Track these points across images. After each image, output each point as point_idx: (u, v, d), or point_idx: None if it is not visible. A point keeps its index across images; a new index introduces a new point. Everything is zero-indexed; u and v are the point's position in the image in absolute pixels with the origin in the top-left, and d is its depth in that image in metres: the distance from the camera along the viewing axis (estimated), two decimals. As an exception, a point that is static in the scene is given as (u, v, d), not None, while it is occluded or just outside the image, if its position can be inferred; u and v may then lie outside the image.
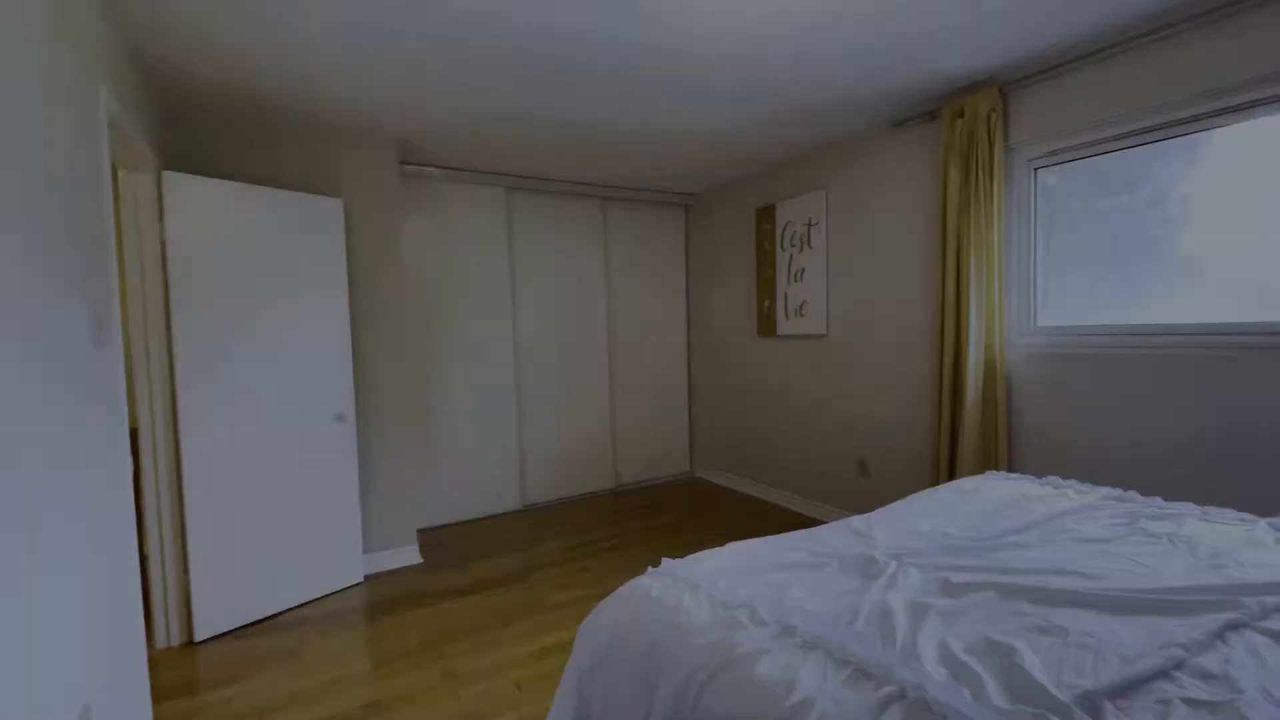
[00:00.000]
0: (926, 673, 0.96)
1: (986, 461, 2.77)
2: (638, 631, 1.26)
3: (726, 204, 4.52)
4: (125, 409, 1.80)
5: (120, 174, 2.36)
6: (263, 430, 2.68)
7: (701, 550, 1.58)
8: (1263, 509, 2.04)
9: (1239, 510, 2.00)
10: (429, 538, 3.67)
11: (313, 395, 2.85)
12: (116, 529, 1.68)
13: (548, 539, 3.59)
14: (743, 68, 2.52)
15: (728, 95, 2.81)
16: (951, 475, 2.87)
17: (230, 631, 2.58)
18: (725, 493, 4.49)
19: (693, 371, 5.03)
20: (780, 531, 1.79)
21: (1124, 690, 0.92)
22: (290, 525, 2.77)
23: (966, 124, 2.74)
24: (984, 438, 2.77)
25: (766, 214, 4.08)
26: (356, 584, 3.03)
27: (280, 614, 2.73)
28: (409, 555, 3.29)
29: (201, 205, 2.52)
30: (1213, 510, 1.73)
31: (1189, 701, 0.88)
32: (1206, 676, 0.94)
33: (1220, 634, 1.06)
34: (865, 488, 3.49)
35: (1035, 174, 2.70)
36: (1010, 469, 2.76)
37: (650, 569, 1.49)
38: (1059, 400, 2.59)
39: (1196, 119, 2.19)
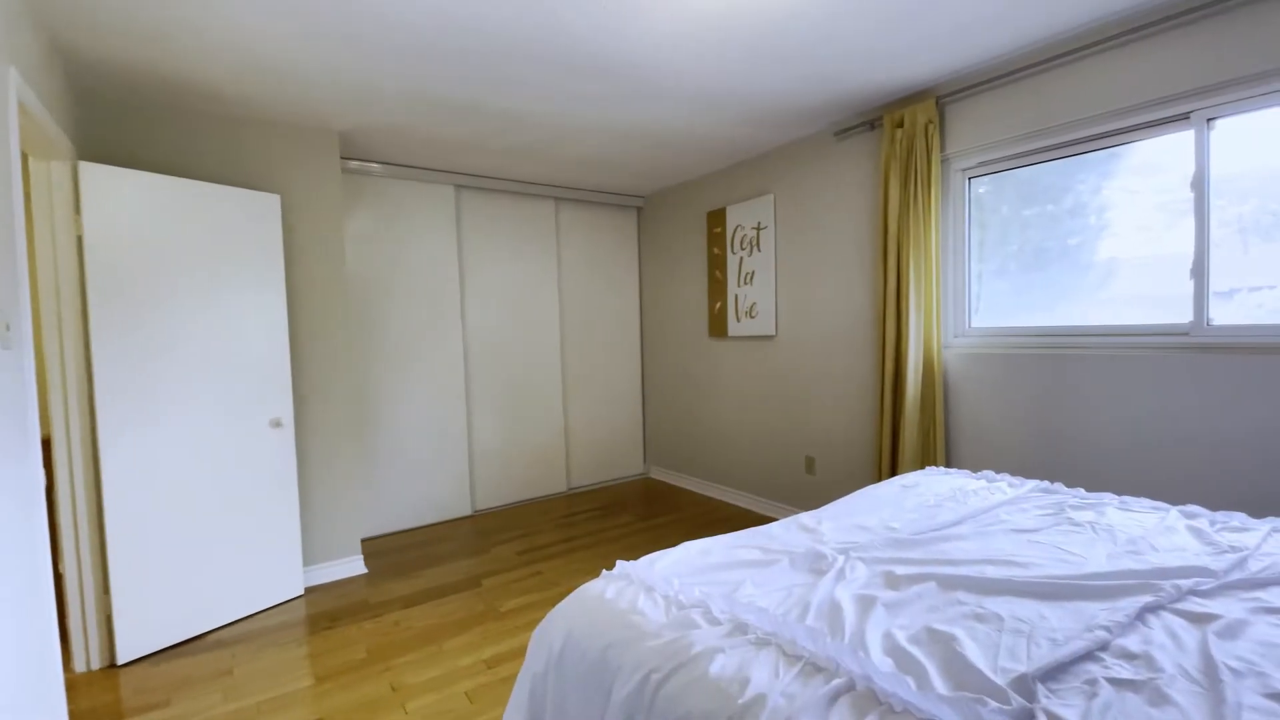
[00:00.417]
0: (873, 664, 0.99)
1: (925, 457, 2.89)
2: (592, 635, 1.26)
3: (678, 206, 4.56)
4: (36, 417, 1.66)
5: (31, 163, 2.19)
6: (192, 437, 2.53)
7: (656, 551, 1.58)
8: (1173, 497, 2.20)
9: (1152, 499, 2.15)
10: (374, 547, 3.55)
11: (247, 400, 2.71)
12: (27, 547, 1.55)
13: (499, 544, 3.53)
14: (694, 68, 2.55)
15: (679, 94, 2.84)
16: (893, 471, 2.98)
17: (157, 653, 2.43)
18: (679, 492, 4.52)
19: (646, 372, 5.05)
20: (733, 529, 1.82)
21: (1054, 672, 0.97)
22: (223, 537, 2.63)
23: (906, 134, 2.85)
24: (923, 435, 2.89)
25: (717, 217, 4.14)
26: (296, 597, 2.89)
27: (212, 632, 2.58)
28: (353, 565, 3.17)
29: (124, 198, 2.36)
30: (1129, 499, 1.85)
31: (1114, 681, 0.94)
32: (1129, 657, 1.01)
33: (1140, 616, 1.14)
34: (813, 484, 3.58)
35: (969, 183, 2.83)
36: (948, 464, 2.89)
37: (604, 572, 1.48)
38: (991, 398, 2.72)
39: (1112, 134, 2.35)
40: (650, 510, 4.12)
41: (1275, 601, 1.17)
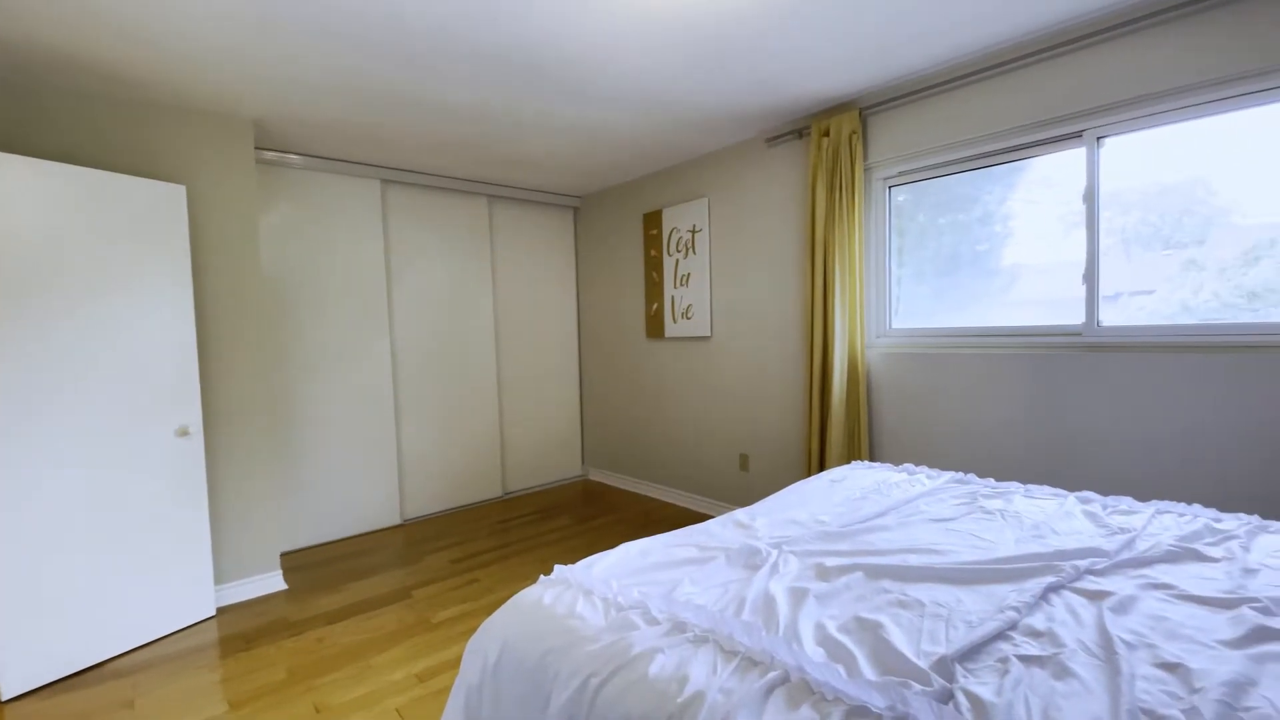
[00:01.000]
0: (806, 655, 1.02)
1: (851, 452, 3.01)
2: (530, 642, 1.23)
3: (615, 207, 4.56)
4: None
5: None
6: (85, 449, 2.30)
7: (595, 553, 1.57)
8: (1071, 484, 2.39)
9: (1054, 486, 2.33)
10: (296, 561, 3.35)
11: (150, 407, 2.50)
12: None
13: (431, 553, 3.42)
14: (631, 69, 2.56)
15: (616, 95, 2.84)
16: (822, 466, 3.09)
17: (48, 685, 2.19)
18: (617, 493, 4.52)
19: (584, 373, 5.02)
20: (672, 529, 1.83)
21: (970, 653, 1.04)
22: (122, 557, 2.41)
23: (832, 143, 2.97)
24: (848, 430, 3.01)
25: (653, 219, 4.17)
26: (207, 619, 2.69)
27: (111, 660, 2.36)
28: (271, 582, 2.98)
29: (6, 187, 2.13)
30: (1034, 488, 2.00)
31: (1023, 658, 1.01)
32: (1035, 634, 1.09)
33: (1044, 596, 1.23)
34: (747, 481, 3.67)
35: (889, 191, 2.98)
36: (871, 459, 3.03)
37: (542, 577, 1.46)
38: (910, 394, 2.88)
39: (1016, 149, 2.54)
40: (589, 512, 4.09)
41: (1160, 578, 1.30)
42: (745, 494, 3.67)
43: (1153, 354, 2.19)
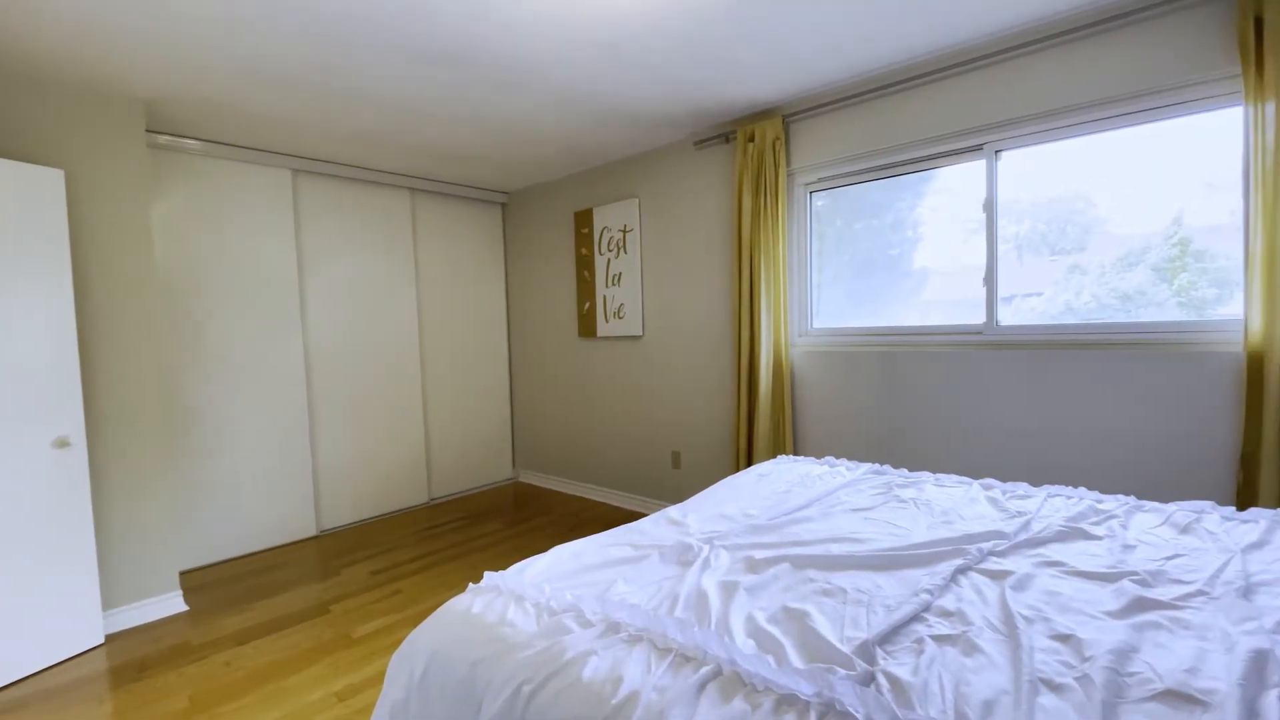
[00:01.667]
0: (737, 647, 1.04)
1: (777, 447, 3.12)
2: (458, 652, 1.19)
3: (545, 205, 4.50)
4: None
5: None
6: (-64, 466, 2.03)
7: (527, 558, 1.54)
8: (976, 472, 2.57)
9: (960, 475, 2.49)
10: (199, 579, 3.10)
11: (22, 415, 2.23)
12: None
13: (350, 565, 3.25)
14: (557, 65, 2.53)
15: (542, 91, 2.80)
16: (750, 461, 3.18)
17: (-117, 741, 1.92)
18: (550, 495, 4.46)
19: (514, 373, 4.93)
20: (605, 528, 1.83)
21: (890, 635, 1.09)
22: (-15, 587, 2.14)
23: (757, 148, 3.06)
24: (774, 426, 3.12)
25: (584, 218, 4.15)
26: (94, 647, 2.44)
27: (-30, 704, 2.10)
28: (169, 604, 2.74)
29: None
30: (943, 476, 2.13)
31: (936, 638, 1.07)
32: (947, 615, 1.16)
33: (954, 578, 1.31)
34: (680, 478, 3.72)
35: (810, 196, 3.10)
36: (796, 452, 3.14)
37: (471, 585, 1.41)
38: (830, 390, 3.01)
39: (925, 159, 2.70)
40: (520, 515, 4.02)
41: (1053, 556, 1.41)
42: (678, 491, 3.71)
43: (1043, 350, 2.39)
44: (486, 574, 1.42)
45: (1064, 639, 1.05)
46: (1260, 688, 0.88)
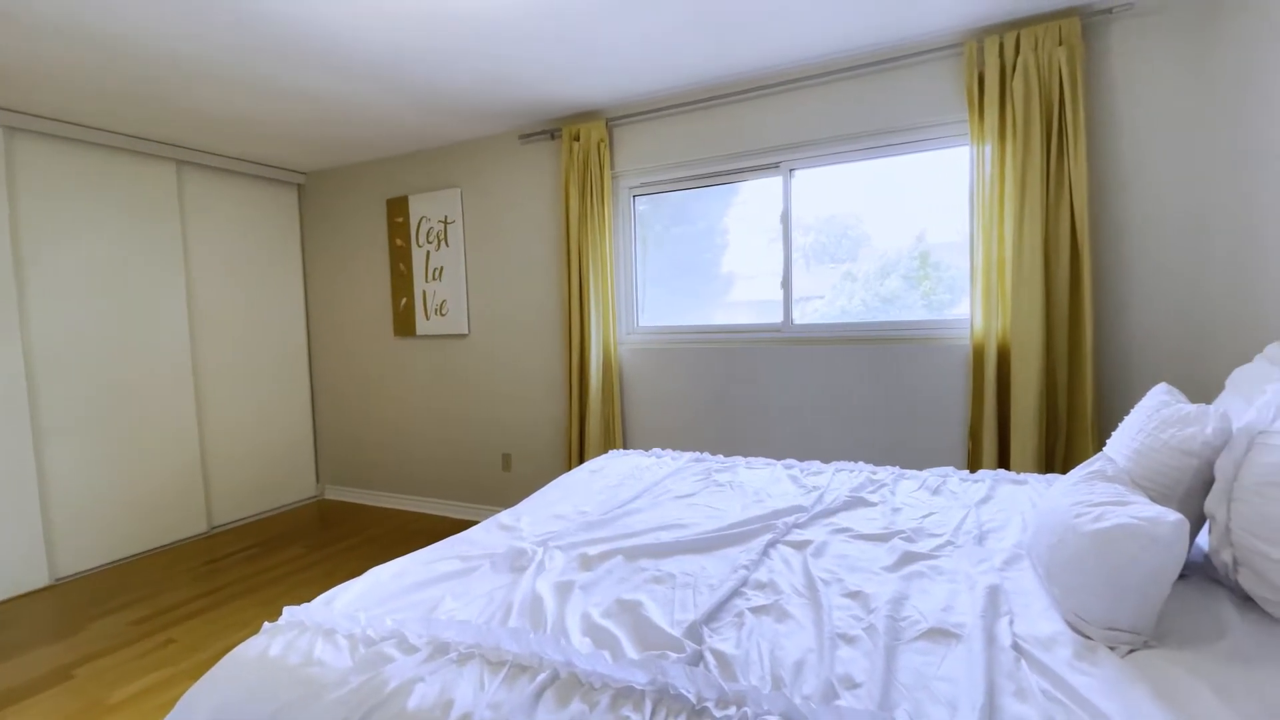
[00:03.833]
0: (573, 648, 1.04)
1: (608, 442, 3.19)
2: (254, 704, 1.03)
3: (352, 189, 4.07)
4: None
5: None
6: None
7: (336, 585, 1.38)
8: (780, 453, 2.87)
9: (768, 457, 2.75)
10: None
11: None
12: None
13: (100, 617, 2.65)
14: (362, 39, 2.30)
15: (344, 65, 2.54)
16: (582, 458, 3.21)
17: None
18: (364, 511, 4.07)
19: (316, 377, 4.40)
20: (431, 542, 1.71)
21: (715, 613, 1.17)
22: None
23: (582, 148, 3.08)
24: (605, 421, 3.18)
25: (399, 206, 3.84)
26: None
27: None
28: None
29: None
30: (753, 460, 2.34)
31: (754, 610, 1.17)
32: (761, 586, 1.27)
33: (765, 551, 1.44)
34: (511, 481, 3.63)
35: (633, 200, 3.21)
36: (626, 446, 3.24)
37: (266, 624, 1.23)
38: (655, 385, 3.15)
39: (733, 172, 2.94)
40: (327, 537, 3.61)
41: (842, 523, 1.62)
42: (509, 494, 3.62)
43: (827, 346, 2.75)
44: (286, 609, 1.24)
45: (854, 595, 1.21)
46: (995, 616, 1.10)
